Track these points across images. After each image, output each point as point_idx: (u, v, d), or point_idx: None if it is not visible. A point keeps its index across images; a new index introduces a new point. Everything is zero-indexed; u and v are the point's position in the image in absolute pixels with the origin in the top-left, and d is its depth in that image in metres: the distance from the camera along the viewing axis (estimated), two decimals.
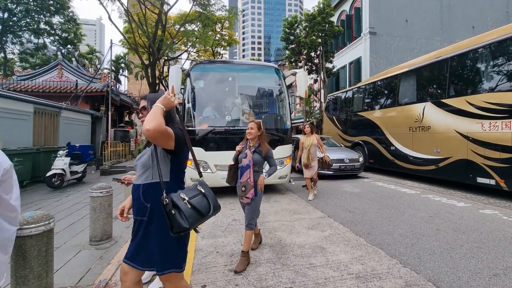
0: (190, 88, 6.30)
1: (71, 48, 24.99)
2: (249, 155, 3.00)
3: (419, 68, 8.25)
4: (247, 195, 2.92)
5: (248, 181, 2.92)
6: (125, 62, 31.96)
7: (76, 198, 6.54)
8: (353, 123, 11.34)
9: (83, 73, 15.88)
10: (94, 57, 30.74)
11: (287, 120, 6.59)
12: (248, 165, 2.94)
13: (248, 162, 2.95)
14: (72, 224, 4.42)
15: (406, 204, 5.46)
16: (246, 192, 2.92)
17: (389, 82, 9.62)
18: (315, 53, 18.63)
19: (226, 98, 6.75)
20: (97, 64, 28.71)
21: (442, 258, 3.05)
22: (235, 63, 8.15)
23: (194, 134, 5.79)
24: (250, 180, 2.92)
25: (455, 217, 4.56)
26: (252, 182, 2.93)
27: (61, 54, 15.92)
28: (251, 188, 2.91)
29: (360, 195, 6.31)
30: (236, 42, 26.05)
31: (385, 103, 9.73)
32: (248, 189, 2.92)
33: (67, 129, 11.32)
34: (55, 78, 15.07)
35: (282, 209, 5.14)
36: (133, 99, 20.64)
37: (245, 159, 2.99)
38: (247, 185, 2.92)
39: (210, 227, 4.16)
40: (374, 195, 6.34)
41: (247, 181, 2.92)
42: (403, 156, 8.44)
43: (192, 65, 7.23)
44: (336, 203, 5.61)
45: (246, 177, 2.93)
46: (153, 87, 16.52)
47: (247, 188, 2.92)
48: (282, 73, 6.90)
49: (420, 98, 8.07)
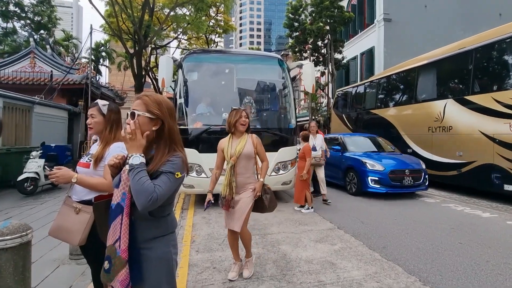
0: (182, 81, 6.32)
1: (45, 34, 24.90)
2: (124, 180, 1.42)
3: (439, 60, 8.32)
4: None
5: (116, 248, 1.36)
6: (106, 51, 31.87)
7: (52, 205, 6.53)
8: (365, 122, 11.40)
9: (59, 62, 15.81)
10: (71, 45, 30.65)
11: (292, 118, 6.62)
12: (119, 205, 1.40)
13: (120, 199, 1.41)
14: (49, 236, 4.41)
15: (424, 214, 5.51)
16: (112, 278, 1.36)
17: (406, 76, 9.69)
18: (322, 42, 18.69)
19: (223, 92, 6.78)
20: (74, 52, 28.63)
21: (466, 275, 3.10)
22: (234, 53, 8.18)
23: (186, 134, 5.81)
24: (121, 244, 1.35)
25: (479, 229, 4.62)
26: (125, 256, 1.34)
27: (34, 40, 15.85)
28: (121, 268, 1.34)
29: (373, 205, 6.35)
30: (233, 29, 26.10)
31: (401, 100, 9.80)
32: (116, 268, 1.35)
33: (41, 126, 11.29)
34: (27, 68, 15.01)
35: (286, 219, 5.17)
36: (115, 93, 20.60)
37: (117, 189, 1.44)
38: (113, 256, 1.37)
39: (206, 240, 4.18)
40: (388, 204, 6.39)
41: (114, 248, 1.36)
42: (421, 159, 8.49)
43: (184, 54, 7.25)
44: (347, 212, 5.65)
45: (115, 235, 1.38)
46: (139, 79, 16.56)
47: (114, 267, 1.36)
48: (286, 64, 6.94)
49: (440, 95, 8.14)
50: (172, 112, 1.49)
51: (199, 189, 5.82)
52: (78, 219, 1.94)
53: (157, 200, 1.31)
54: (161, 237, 1.46)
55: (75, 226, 1.93)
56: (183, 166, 1.44)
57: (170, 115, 1.47)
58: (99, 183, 1.92)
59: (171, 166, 1.40)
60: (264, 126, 6.28)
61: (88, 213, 1.92)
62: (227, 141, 3.03)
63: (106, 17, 17.65)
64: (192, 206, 6.29)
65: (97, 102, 2.09)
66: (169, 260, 1.47)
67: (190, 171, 5.73)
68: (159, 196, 1.32)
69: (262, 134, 5.69)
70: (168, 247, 1.48)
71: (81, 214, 1.95)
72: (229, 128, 3.04)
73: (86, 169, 2.00)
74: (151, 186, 1.31)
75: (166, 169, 1.38)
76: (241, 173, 2.95)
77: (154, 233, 1.45)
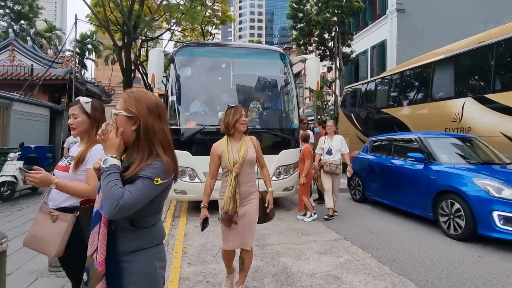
0: (174, 76, 6.36)
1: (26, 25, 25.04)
2: None
3: (458, 55, 8.32)
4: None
5: (94, 260, 1.35)
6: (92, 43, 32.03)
7: (31, 212, 6.54)
8: (376, 122, 11.41)
9: (40, 56, 15.88)
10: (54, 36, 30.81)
11: (294, 118, 6.65)
12: (98, 212, 1.41)
13: (99, 206, 1.41)
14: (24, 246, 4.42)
15: None
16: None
17: (421, 72, 9.70)
18: (329, 35, 18.76)
19: (219, 89, 6.81)
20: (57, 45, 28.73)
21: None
22: (231, 46, 8.19)
23: (179, 135, 5.83)
24: (98, 256, 1.34)
25: (500, 242, 4.61)
26: (102, 269, 1.33)
27: (13, 31, 15.93)
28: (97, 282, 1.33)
29: (383, 213, 6.37)
30: (232, 20, 26.20)
31: (415, 98, 9.80)
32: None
33: (20, 125, 11.32)
34: (5, 61, 15.06)
35: (288, 229, 5.18)
36: (102, 89, 20.68)
37: (98, 195, 1.45)
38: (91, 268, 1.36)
39: (199, 251, 4.19)
40: (400, 213, 6.39)
41: (92, 259, 1.36)
42: None
43: (177, 48, 7.28)
44: (354, 222, 5.66)
45: (93, 245, 1.38)
46: (128, 74, 16.60)
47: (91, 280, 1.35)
48: (288, 59, 6.97)
49: (458, 93, 8.14)
50: (153, 110, 1.45)
51: (192, 195, 5.83)
52: (54, 228, 1.92)
53: (124, 207, 1.26)
54: (144, 249, 1.43)
55: (52, 235, 1.91)
56: (164, 172, 1.39)
57: (150, 113, 1.43)
58: (81, 189, 1.91)
59: (150, 171, 1.35)
60: (263, 126, 6.29)
61: (66, 221, 1.90)
62: (225, 145, 2.82)
63: (92, 6, 17.75)
64: (184, 213, 6.30)
65: (79, 100, 2.09)
66: (152, 275, 1.44)
67: (182, 176, 5.75)
68: (127, 203, 1.27)
69: (261, 135, 5.71)
70: (152, 261, 1.45)
71: (58, 223, 1.92)
72: (227, 129, 2.84)
73: (65, 173, 1.99)
74: (119, 191, 1.28)
75: (144, 173, 1.34)
76: (245, 182, 2.83)
77: (137, 245, 1.42)
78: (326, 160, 5.88)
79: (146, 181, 1.33)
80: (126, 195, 1.28)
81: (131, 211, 1.30)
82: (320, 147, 6.06)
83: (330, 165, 5.80)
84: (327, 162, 5.84)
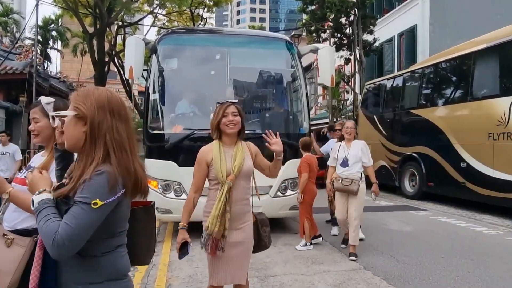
0: (157, 70, 6.42)
1: None
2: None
3: (504, 44, 8.36)
4: None
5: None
6: (58, 30, 32.30)
7: None
8: (404, 126, 11.45)
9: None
10: (11, 22, 31.07)
11: (303, 121, 6.69)
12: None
13: None
14: None
15: (482, 251, 5.53)
16: None
17: (459, 65, 9.76)
18: (347, 19, 18.84)
19: (212, 86, 6.87)
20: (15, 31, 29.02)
21: None
22: (227, 33, 8.28)
23: (162, 141, 5.88)
24: (31, 281, 1.50)
25: None
26: None
27: None
28: None
29: (413, 236, 6.39)
30: (228, 1, 26.40)
31: (452, 97, 9.86)
32: None
33: None
34: None
35: (296, 257, 5.19)
36: (69, 85, 20.81)
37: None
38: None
39: (186, 283, 4.22)
40: (434, 236, 6.43)
41: None
42: (479, 177, 8.51)
43: (161, 35, 7.37)
44: (377, 247, 5.67)
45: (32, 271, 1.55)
46: (100, 67, 16.76)
47: None
48: (296, 49, 7.05)
49: (505, 90, 8.18)
50: (103, 105, 1.43)
51: (179, 215, 5.78)
52: (9, 254, 1.88)
53: (63, 242, 1.23)
54: (93, 284, 1.39)
55: (5, 263, 1.88)
56: (107, 187, 1.32)
57: (99, 108, 1.42)
58: None
59: (87, 190, 1.30)
60: (265, 131, 6.31)
61: (23, 246, 1.87)
62: (218, 151, 2.74)
63: None
64: (169, 237, 6.32)
65: (40, 101, 2.12)
66: None
67: (166, 191, 5.78)
68: (64, 237, 1.24)
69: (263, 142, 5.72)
70: None
71: (13, 248, 1.89)
72: (212, 133, 2.81)
73: (24, 187, 2.03)
74: (52, 225, 1.27)
75: (80, 195, 1.30)
76: (239, 199, 2.72)
77: (83, 278, 1.39)
78: (338, 173, 5.29)
79: (84, 207, 1.28)
80: (62, 228, 1.25)
81: (75, 246, 1.27)
82: (334, 158, 5.47)
83: (343, 180, 5.13)
84: (339, 176, 5.23)
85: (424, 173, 10.27)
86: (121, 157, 1.40)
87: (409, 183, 11.09)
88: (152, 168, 5.94)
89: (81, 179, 1.31)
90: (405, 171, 11.18)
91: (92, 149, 1.38)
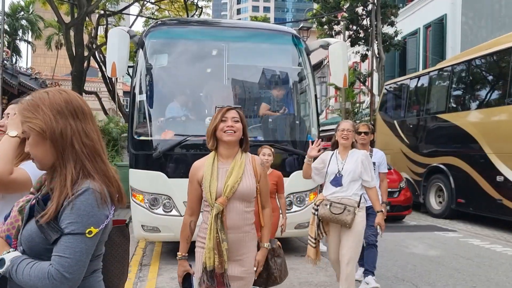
0: (144, 67, 6.46)
1: None
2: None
3: None
4: None
5: None
6: (28, 18, 32.41)
7: None
8: (429, 133, 11.41)
9: None
10: None
11: (312, 126, 6.73)
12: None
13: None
14: None
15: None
16: None
17: (497, 62, 9.73)
18: (364, 9, 18.89)
19: (207, 86, 6.92)
20: None
21: None
22: (225, 25, 8.34)
23: (150, 149, 5.93)
24: None
25: None
26: None
27: None
28: None
29: (440, 262, 6.35)
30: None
31: (487, 99, 9.82)
32: None
33: None
34: None
35: (303, 283, 5.21)
36: (42, 83, 20.90)
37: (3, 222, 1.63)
38: None
39: None
40: (464, 262, 6.40)
41: None
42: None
43: (149, 26, 7.43)
44: (397, 274, 5.67)
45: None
46: (79, 63, 16.77)
47: None
48: (304, 44, 7.11)
49: None
50: (61, 110, 1.38)
51: (168, 233, 5.84)
52: None
53: (62, 276, 1.25)
54: None
55: None
56: (95, 210, 1.33)
57: (58, 114, 1.37)
58: None
59: (75, 217, 1.30)
60: (268, 138, 6.38)
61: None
62: (209, 166, 2.61)
63: None
64: (156, 260, 6.33)
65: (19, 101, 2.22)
66: None
67: (154, 206, 5.82)
68: (62, 270, 1.25)
69: None
70: None
71: None
72: (208, 140, 2.68)
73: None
74: (41, 265, 1.29)
75: (69, 226, 1.29)
76: (235, 226, 2.58)
77: None
78: (326, 195, 4.26)
79: (76, 237, 1.29)
80: (55, 261, 1.27)
81: (77, 276, 1.29)
82: (321, 171, 4.40)
83: (331, 206, 4.05)
84: (326, 199, 4.18)
85: (453, 188, 10.18)
86: (97, 165, 1.39)
87: (436, 199, 11.04)
88: (138, 180, 5.99)
89: (61, 197, 1.30)
90: (430, 185, 11.12)
91: (62, 166, 1.35)
